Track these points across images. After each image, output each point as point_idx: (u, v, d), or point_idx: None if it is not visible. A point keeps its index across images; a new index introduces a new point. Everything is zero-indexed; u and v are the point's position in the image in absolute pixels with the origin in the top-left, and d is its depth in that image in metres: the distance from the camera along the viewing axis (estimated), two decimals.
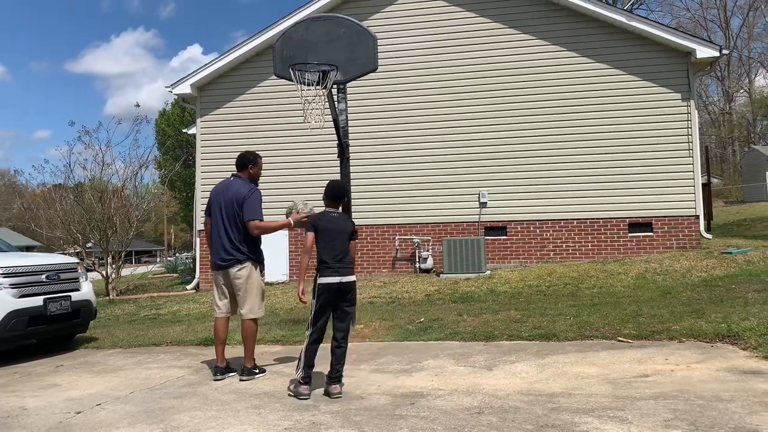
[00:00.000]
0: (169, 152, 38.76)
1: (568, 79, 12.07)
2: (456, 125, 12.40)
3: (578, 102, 12.02)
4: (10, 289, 6.58)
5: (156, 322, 9.58)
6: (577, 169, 11.95)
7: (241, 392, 4.82)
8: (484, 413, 3.94)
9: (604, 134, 11.91)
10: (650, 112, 11.80)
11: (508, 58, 12.29)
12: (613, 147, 11.86)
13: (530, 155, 12.12)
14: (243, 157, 5.51)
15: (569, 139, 12.01)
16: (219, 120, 13.46)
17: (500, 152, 12.21)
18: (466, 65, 12.44)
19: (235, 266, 5.29)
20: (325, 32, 7.05)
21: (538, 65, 12.20)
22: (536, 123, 12.13)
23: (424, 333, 6.76)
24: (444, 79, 12.50)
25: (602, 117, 11.94)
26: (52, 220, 14.97)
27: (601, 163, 11.88)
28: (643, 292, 8.80)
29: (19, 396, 5.11)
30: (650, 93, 11.82)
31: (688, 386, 4.28)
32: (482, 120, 12.31)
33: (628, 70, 11.90)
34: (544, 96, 12.13)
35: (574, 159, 11.97)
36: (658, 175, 11.69)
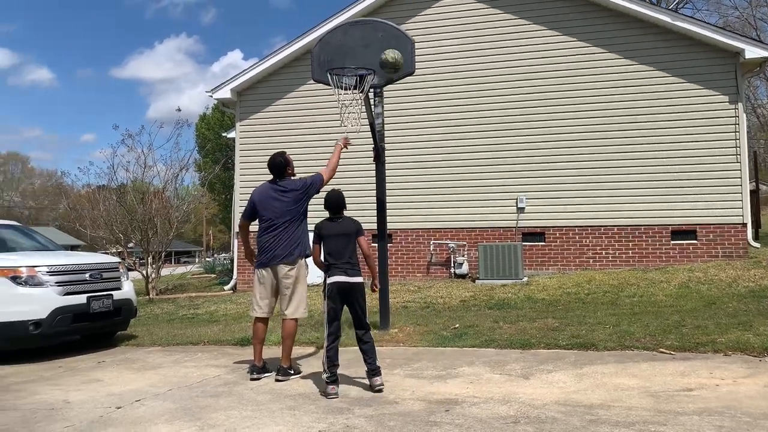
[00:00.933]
0: (209, 155, 39.49)
1: (610, 81, 11.83)
2: (494, 129, 12.28)
3: (620, 105, 11.76)
4: (55, 286, 6.79)
5: (194, 322, 9.75)
6: (619, 175, 11.68)
7: (276, 393, 4.86)
8: (520, 423, 3.87)
9: (646, 138, 11.63)
10: (695, 115, 11.46)
11: (548, 59, 12.12)
12: (656, 152, 11.57)
13: (570, 160, 11.91)
14: (276, 162, 5.62)
15: (610, 144, 11.76)
16: (257, 124, 13.65)
17: (539, 157, 12.04)
18: (505, 68, 12.31)
19: (287, 265, 5.42)
20: (362, 36, 7.07)
21: (578, 67, 11.99)
22: (576, 127, 11.92)
23: (459, 339, 6.69)
24: (483, 81, 12.39)
25: (645, 121, 11.66)
26: (95, 221, 15.39)
27: (643, 168, 11.59)
28: (686, 301, 8.54)
29: (63, 389, 5.26)
30: (696, 95, 11.48)
31: (734, 402, 4.12)
32: (521, 124, 12.16)
33: (672, 72, 11.59)
34: (584, 99, 11.92)
35: (615, 164, 11.71)
36: (703, 180, 11.35)
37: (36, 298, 6.63)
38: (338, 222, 5.04)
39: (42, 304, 6.62)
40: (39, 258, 7.12)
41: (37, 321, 6.57)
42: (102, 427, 4.12)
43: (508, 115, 12.23)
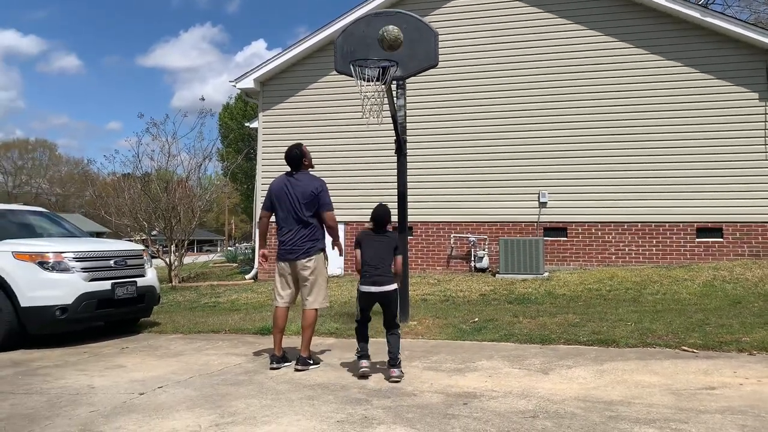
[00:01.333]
0: (232, 145, 39.80)
1: (637, 77, 11.65)
2: (517, 123, 12.19)
3: (646, 101, 11.59)
4: (81, 272, 6.92)
5: (215, 310, 9.87)
6: (643, 171, 11.52)
7: (295, 382, 4.90)
8: (538, 417, 3.86)
9: (672, 134, 11.44)
10: (724, 111, 11.24)
11: (574, 54, 11.97)
12: (683, 148, 11.38)
13: (594, 155, 11.77)
14: (293, 155, 5.62)
15: (635, 139, 11.59)
16: (280, 114, 13.71)
17: (562, 151, 11.92)
18: (530, 61, 12.19)
19: (304, 258, 5.44)
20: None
21: (604, 62, 11.82)
22: (600, 122, 11.77)
23: (478, 333, 6.68)
24: (506, 76, 12.29)
25: (672, 117, 11.47)
26: (120, 208, 15.63)
27: (669, 164, 11.42)
28: (710, 300, 8.41)
29: (88, 375, 5.37)
30: (724, 92, 11.26)
31: (758, 401, 4.06)
32: (544, 118, 12.04)
33: (701, 68, 11.37)
34: (610, 94, 11.76)
35: (640, 159, 11.55)
36: (730, 178, 11.14)
37: (62, 283, 6.77)
38: (379, 236, 5.19)
39: (68, 290, 6.75)
40: (66, 244, 7.25)
41: (63, 306, 6.70)
42: (125, 412, 4.20)
43: (531, 109, 12.12)
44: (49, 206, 46.76)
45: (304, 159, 5.64)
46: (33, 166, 68.53)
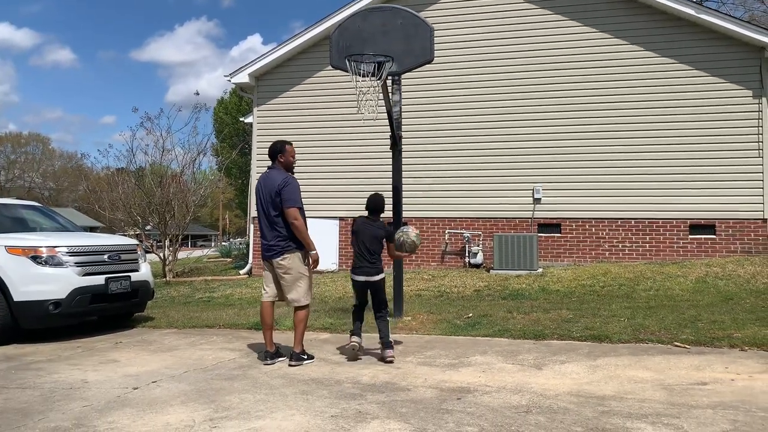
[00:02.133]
0: (226, 140, 39.63)
1: (631, 73, 11.68)
2: (511, 119, 12.20)
3: (640, 98, 11.62)
4: (75, 267, 6.90)
5: (209, 305, 9.86)
6: (637, 167, 11.56)
7: (289, 377, 4.91)
8: (532, 412, 3.88)
9: (666, 131, 11.48)
10: (717, 109, 11.29)
11: (568, 50, 11.98)
12: (676, 145, 11.42)
13: (588, 151, 11.80)
14: (272, 147, 5.63)
15: (629, 136, 11.63)
16: (275, 109, 13.67)
17: (556, 147, 11.95)
18: (524, 57, 12.20)
19: (277, 256, 5.35)
20: (381, 23, 7.04)
21: (598, 59, 11.84)
22: (595, 118, 11.80)
23: (472, 328, 6.70)
24: (502, 71, 12.29)
25: (666, 113, 11.50)
26: (114, 203, 15.59)
27: (662, 161, 11.46)
28: (702, 296, 8.47)
29: (82, 369, 5.36)
30: (718, 89, 11.30)
31: (749, 397, 4.09)
32: (538, 114, 12.06)
33: (695, 65, 11.41)
34: (604, 91, 11.78)
35: (633, 156, 11.59)
36: (723, 175, 11.20)
37: (56, 278, 6.74)
38: (369, 223, 5.53)
39: (61, 284, 6.73)
40: (59, 238, 7.22)
41: (56, 301, 6.68)
42: (119, 407, 4.20)
43: (526, 105, 12.13)
44: (42, 200, 46.53)
45: (279, 155, 5.53)
46: (26, 160, 68.12)
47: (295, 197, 5.32)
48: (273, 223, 5.36)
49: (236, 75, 13.63)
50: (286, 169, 5.55)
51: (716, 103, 11.30)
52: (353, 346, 5.38)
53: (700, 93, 11.37)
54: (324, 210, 12.53)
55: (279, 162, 5.56)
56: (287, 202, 5.27)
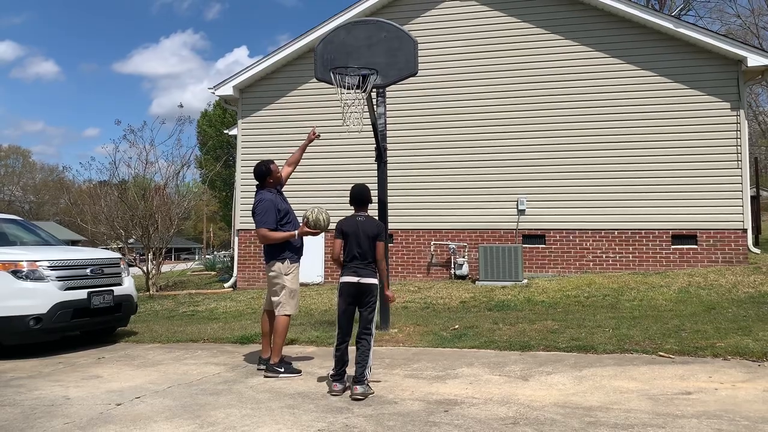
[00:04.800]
0: (210, 152, 39.51)
1: (612, 86, 11.84)
2: (495, 131, 12.29)
3: (622, 110, 11.77)
4: (56, 281, 6.80)
5: (194, 319, 9.76)
6: (620, 179, 11.69)
7: (275, 391, 4.87)
8: (519, 424, 3.88)
9: (648, 143, 11.64)
10: (697, 121, 11.47)
11: (550, 64, 12.13)
12: (658, 156, 11.57)
13: (571, 163, 11.92)
14: (257, 171, 5.76)
15: (612, 148, 11.77)
16: (259, 121, 13.65)
17: (540, 159, 12.05)
18: (507, 71, 12.32)
19: (266, 264, 5.67)
20: (365, 36, 7.08)
21: (580, 71, 12.00)
22: (578, 131, 11.93)
23: (459, 340, 6.70)
24: (484, 84, 12.40)
25: (647, 126, 11.67)
26: (96, 216, 15.42)
27: (644, 173, 11.60)
28: (686, 306, 8.55)
29: (63, 386, 5.27)
30: (698, 102, 11.50)
31: (733, 406, 4.14)
32: (522, 126, 12.17)
33: (674, 78, 11.60)
34: (586, 103, 11.93)
35: (616, 168, 11.72)
36: (704, 186, 11.36)
37: (37, 292, 6.64)
38: (361, 221, 5.00)
39: (43, 299, 6.63)
40: (40, 252, 7.12)
41: (37, 316, 6.57)
42: (102, 423, 4.13)
43: (510, 117, 12.24)
44: (23, 214, 45.88)
45: (268, 177, 5.73)
46: (6, 173, 67.24)
47: (263, 219, 5.51)
48: None
49: (220, 87, 13.61)
50: (277, 185, 5.79)
51: (696, 115, 11.49)
52: (336, 395, 4.69)
53: (680, 105, 11.56)
54: None
55: (269, 183, 5.73)
56: (256, 223, 5.58)
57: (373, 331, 4.87)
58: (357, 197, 5.10)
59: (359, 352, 4.75)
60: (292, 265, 5.59)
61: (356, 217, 5.04)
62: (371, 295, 4.88)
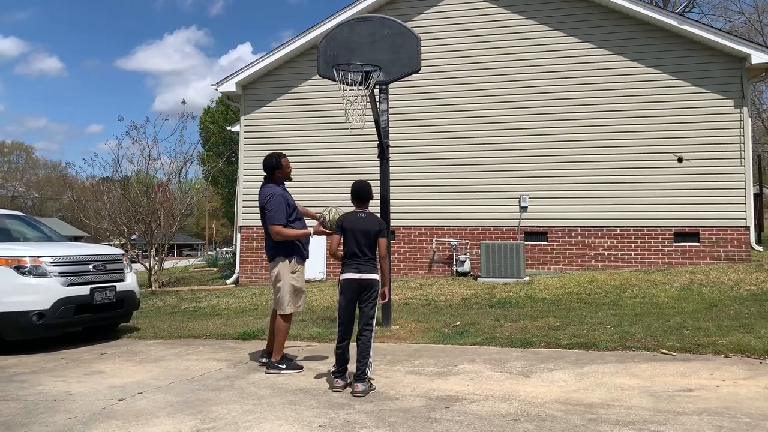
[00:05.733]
0: (213, 149, 39.56)
1: (615, 83, 11.82)
2: (498, 128, 12.28)
3: (625, 107, 11.75)
4: (59, 277, 6.82)
5: (196, 315, 9.78)
6: (622, 176, 11.68)
7: (277, 387, 4.88)
8: (520, 420, 3.89)
9: (651, 140, 11.62)
10: (700, 118, 11.45)
11: (553, 60, 12.11)
12: (661, 153, 11.55)
13: (574, 160, 11.90)
14: (267, 162, 5.60)
15: (615, 144, 11.75)
16: (262, 118, 13.66)
17: (543, 156, 12.04)
18: (510, 67, 12.30)
19: (270, 263, 5.58)
20: (368, 33, 7.08)
21: (584, 68, 11.97)
22: (581, 128, 11.91)
23: (460, 337, 6.71)
24: (487, 81, 12.38)
25: (650, 123, 11.64)
26: (99, 212, 15.44)
27: (647, 170, 11.59)
28: (687, 303, 8.54)
29: (66, 381, 5.28)
30: (701, 99, 11.47)
31: (734, 403, 4.13)
32: (525, 123, 12.15)
33: (678, 75, 11.57)
34: (590, 100, 11.91)
35: (619, 165, 11.71)
36: (706, 183, 11.34)
37: (40, 288, 6.66)
38: (362, 217, 4.94)
39: (45, 295, 6.65)
40: (43, 248, 7.14)
41: (40, 311, 6.59)
42: (104, 419, 4.15)
43: (512, 114, 12.23)
44: (26, 210, 45.99)
45: (276, 171, 5.57)
46: (9, 170, 67.37)
47: (277, 215, 5.38)
48: (265, 232, 5.57)
49: (223, 84, 13.61)
50: (282, 180, 5.63)
51: (699, 112, 11.46)
52: (338, 391, 4.68)
53: (683, 102, 11.53)
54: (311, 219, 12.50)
55: (276, 177, 5.59)
56: (270, 219, 5.42)
57: (374, 327, 4.87)
58: (358, 193, 5.05)
59: (360, 349, 4.75)
60: (297, 264, 5.54)
61: (357, 214, 4.99)
62: (373, 291, 4.86)
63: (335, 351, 4.87)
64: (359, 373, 4.66)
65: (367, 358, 4.71)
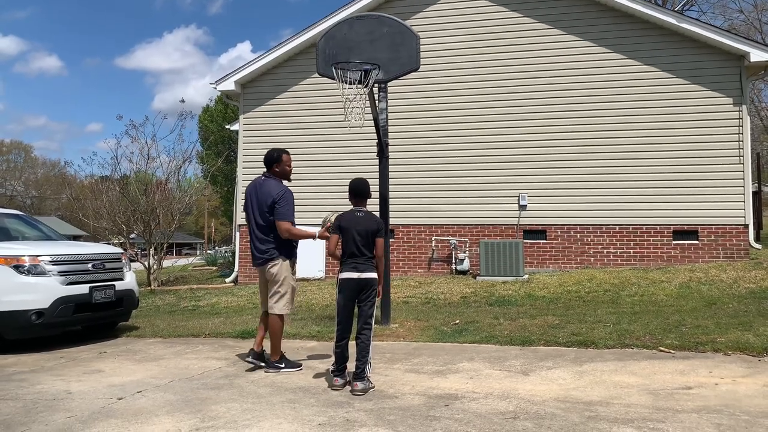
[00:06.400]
0: (212, 147, 39.51)
1: (615, 81, 11.82)
2: (497, 126, 12.28)
3: (624, 105, 11.75)
4: (58, 276, 6.81)
5: (195, 314, 9.78)
6: (621, 174, 11.68)
7: (276, 386, 4.88)
8: (519, 418, 3.89)
9: (650, 138, 11.62)
10: (699, 116, 11.45)
11: (553, 59, 12.10)
12: (660, 152, 11.56)
13: (573, 158, 11.91)
14: (268, 155, 5.55)
15: (614, 143, 11.75)
16: (261, 116, 13.65)
17: (541, 155, 12.04)
18: (509, 66, 12.30)
19: (268, 263, 5.40)
20: (367, 31, 7.07)
21: (583, 67, 11.97)
22: (580, 126, 11.91)
23: (460, 335, 6.71)
24: (486, 79, 12.38)
25: (649, 121, 11.65)
26: (98, 211, 15.43)
27: (646, 168, 11.59)
28: (686, 301, 8.55)
29: (65, 380, 5.28)
30: (700, 97, 11.47)
31: (733, 401, 4.14)
32: (524, 122, 12.15)
33: (677, 74, 11.58)
34: (588, 98, 11.90)
35: (618, 163, 11.71)
36: (705, 181, 11.35)
37: (38, 287, 6.65)
38: (360, 216, 4.91)
39: (44, 294, 6.65)
40: (42, 247, 7.13)
41: (39, 310, 6.59)
42: (103, 418, 4.15)
43: (511, 112, 12.22)
44: (25, 209, 45.95)
45: (275, 164, 5.49)
46: (8, 168, 67.30)
47: (289, 212, 5.33)
48: (263, 231, 5.38)
49: (222, 82, 13.60)
50: (281, 177, 5.53)
51: (698, 110, 11.47)
52: (338, 389, 4.69)
53: (682, 100, 11.53)
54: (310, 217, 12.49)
55: (274, 171, 5.50)
56: (281, 216, 5.29)
57: (373, 325, 4.87)
58: (356, 191, 5.01)
59: (359, 348, 4.74)
60: (295, 265, 5.52)
61: (355, 213, 4.96)
62: (372, 290, 4.85)
63: (334, 350, 4.87)
64: (358, 371, 4.66)
65: (366, 357, 4.71)
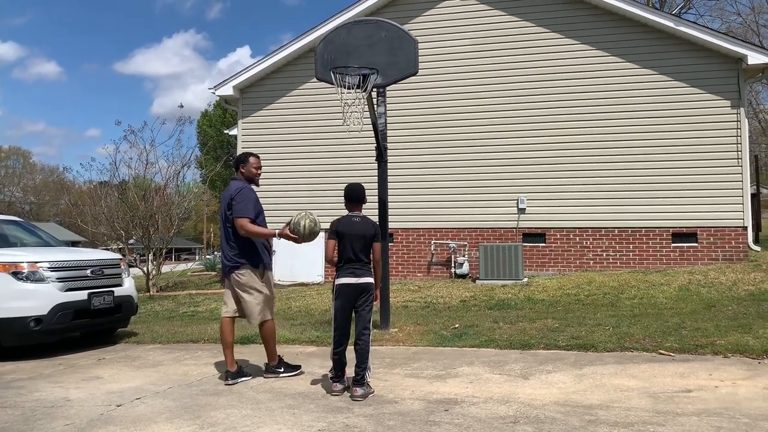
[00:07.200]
0: (210, 152, 39.57)
1: (613, 85, 11.84)
2: (496, 130, 12.29)
3: (623, 108, 11.77)
4: (56, 282, 6.79)
5: (194, 320, 9.75)
6: (620, 177, 11.69)
7: (276, 392, 4.87)
8: (519, 423, 3.88)
9: (649, 142, 11.64)
10: (698, 119, 11.47)
11: (550, 62, 12.13)
12: (658, 155, 11.58)
13: (571, 162, 11.92)
14: (236, 158, 5.52)
15: (613, 146, 11.77)
16: (260, 121, 13.65)
17: (540, 158, 12.05)
18: (508, 69, 12.32)
19: (233, 271, 5.18)
20: (366, 36, 7.07)
21: (581, 70, 11.99)
22: (579, 129, 11.93)
23: (459, 339, 6.70)
24: (485, 83, 12.40)
25: (648, 124, 11.66)
26: (97, 217, 15.39)
27: (644, 171, 11.60)
28: (686, 304, 8.55)
29: (63, 387, 5.27)
30: (698, 100, 11.49)
31: (733, 403, 4.13)
32: (523, 125, 12.17)
33: (675, 77, 11.60)
34: (587, 102, 11.92)
35: (616, 166, 11.72)
36: (704, 184, 11.36)
37: (37, 293, 6.63)
38: (357, 221, 4.87)
39: (43, 300, 6.62)
40: (40, 254, 7.12)
41: (37, 317, 6.56)
42: (102, 425, 4.13)
43: (510, 116, 12.24)
44: (23, 215, 45.91)
45: (241, 166, 5.32)
46: (6, 174, 67.27)
47: (246, 208, 5.05)
48: (227, 237, 5.18)
49: (220, 87, 13.61)
50: (248, 180, 5.34)
51: (696, 113, 11.49)
52: (338, 395, 4.68)
53: (680, 103, 11.55)
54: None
55: (240, 173, 5.34)
56: (237, 211, 5.04)
57: (371, 330, 4.85)
58: (351, 196, 4.97)
59: (358, 353, 4.71)
60: (266, 271, 5.22)
61: (352, 218, 4.91)
62: (369, 295, 4.82)
63: (332, 356, 4.84)
64: (358, 377, 4.64)
65: (365, 362, 4.69)
